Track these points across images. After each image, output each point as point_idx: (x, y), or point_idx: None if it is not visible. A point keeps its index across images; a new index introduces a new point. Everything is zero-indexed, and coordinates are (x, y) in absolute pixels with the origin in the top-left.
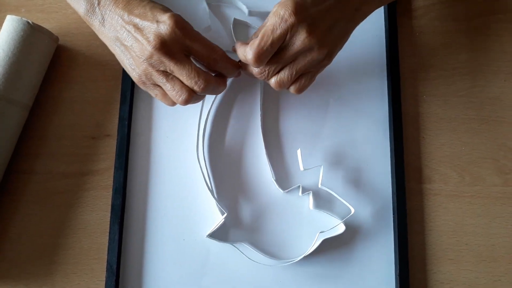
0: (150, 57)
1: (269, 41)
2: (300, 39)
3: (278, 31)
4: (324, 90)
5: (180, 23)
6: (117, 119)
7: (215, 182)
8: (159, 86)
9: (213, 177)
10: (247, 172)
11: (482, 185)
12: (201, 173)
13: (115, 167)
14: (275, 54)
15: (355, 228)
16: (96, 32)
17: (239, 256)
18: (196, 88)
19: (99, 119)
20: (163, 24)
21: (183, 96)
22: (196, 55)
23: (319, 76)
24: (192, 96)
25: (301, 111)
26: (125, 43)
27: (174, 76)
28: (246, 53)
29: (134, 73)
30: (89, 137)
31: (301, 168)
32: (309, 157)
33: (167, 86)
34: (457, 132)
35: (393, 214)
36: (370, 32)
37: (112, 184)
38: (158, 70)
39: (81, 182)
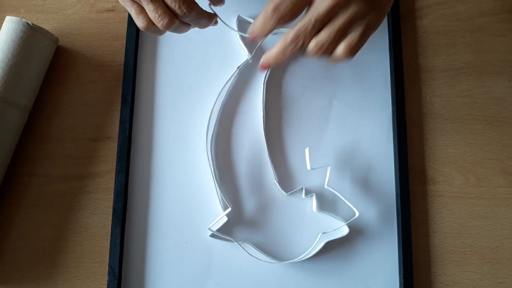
0: None
1: None
2: None
3: None
4: (327, 91)
5: None
6: (118, 121)
7: (220, 185)
8: (136, 3)
9: (217, 180)
10: (250, 174)
11: (487, 186)
12: (208, 169)
13: (116, 169)
14: (306, 14)
15: (359, 229)
16: None
17: (243, 259)
18: (178, 11)
19: (100, 121)
20: None
21: (166, 19)
22: None
23: (322, 77)
24: (174, 22)
25: (304, 112)
26: None
27: None
28: (266, 6)
29: None
30: (90, 139)
31: (308, 167)
32: (312, 159)
33: (150, 7)
34: (462, 133)
35: (397, 215)
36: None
37: (113, 187)
38: None
39: (82, 185)
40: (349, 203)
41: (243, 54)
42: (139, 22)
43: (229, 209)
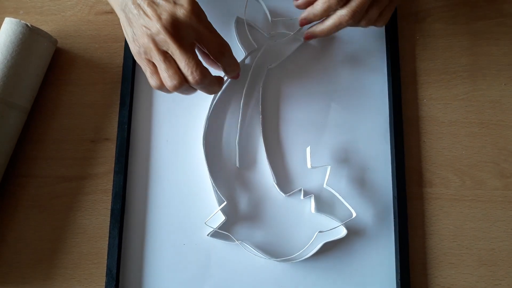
0: (157, 34)
1: None
2: None
3: None
4: (325, 93)
5: (197, 10)
6: (116, 123)
7: (217, 186)
8: (152, 63)
9: (215, 181)
10: (248, 176)
11: (483, 189)
12: (205, 173)
13: (114, 171)
14: None
15: (356, 231)
16: None
17: (241, 259)
18: (190, 78)
19: (98, 123)
20: (180, 8)
21: (174, 81)
22: (205, 43)
23: (320, 79)
24: (183, 85)
25: (302, 114)
26: (134, 11)
27: (173, 59)
28: None
29: (134, 44)
30: (88, 140)
31: (309, 166)
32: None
33: (162, 66)
34: (458, 135)
35: (394, 218)
36: (370, 35)
37: (111, 188)
38: (159, 49)
39: (80, 186)
40: (346, 203)
41: (242, 55)
42: (152, 81)
43: (225, 203)
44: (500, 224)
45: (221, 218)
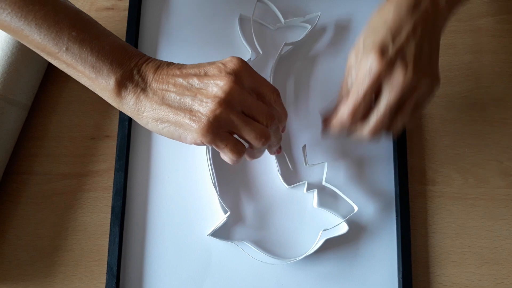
0: (231, 94)
1: (361, 93)
2: (397, 84)
3: (368, 81)
4: (329, 90)
5: (245, 63)
6: (117, 120)
7: (218, 177)
8: (231, 134)
9: (216, 172)
10: (252, 167)
11: (486, 187)
12: (207, 170)
13: (115, 168)
14: (378, 106)
15: (358, 230)
16: (132, 109)
17: (242, 257)
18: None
19: (99, 120)
20: (230, 62)
21: (264, 138)
22: (262, 95)
23: (322, 78)
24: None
25: (306, 108)
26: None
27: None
28: (341, 113)
29: (202, 121)
30: (89, 137)
31: (306, 164)
32: (312, 156)
33: (246, 129)
34: (461, 133)
35: (396, 216)
36: None
37: (112, 185)
38: (236, 112)
39: (80, 183)
40: (347, 198)
41: (246, 53)
42: (235, 156)
43: (228, 213)
44: (503, 223)
45: (222, 215)
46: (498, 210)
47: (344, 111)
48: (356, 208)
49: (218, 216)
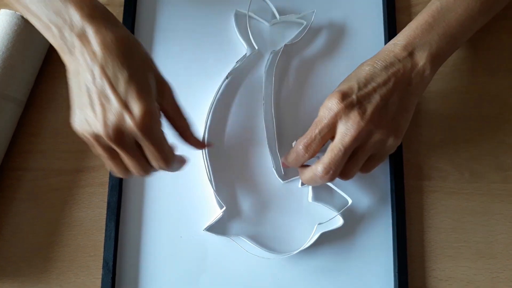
0: (98, 137)
1: (317, 129)
2: (352, 126)
3: (325, 120)
4: (325, 86)
5: (148, 122)
6: None
7: (214, 172)
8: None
9: (212, 167)
10: (247, 162)
11: (481, 182)
12: (202, 164)
13: None
14: (332, 147)
15: (354, 224)
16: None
17: (238, 252)
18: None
19: None
20: (130, 116)
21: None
22: (147, 153)
23: (320, 76)
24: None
25: (303, 104)
26: (86, 85)
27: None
28: (296, 145)
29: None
30: None
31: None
32: None
33: (111, 162)
34: (457, 129)
35: (392, 211)
36: (369, 29)
37: (107, 181)
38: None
39: (76, 179)
40: (340, 191)
41: (242, 49)
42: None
43: (224, 208)
44: (498, 217)
45: (218, 210)
46: (494, 205)
47: (300, 143)
48: (350, 201)
49: (214, 211)
